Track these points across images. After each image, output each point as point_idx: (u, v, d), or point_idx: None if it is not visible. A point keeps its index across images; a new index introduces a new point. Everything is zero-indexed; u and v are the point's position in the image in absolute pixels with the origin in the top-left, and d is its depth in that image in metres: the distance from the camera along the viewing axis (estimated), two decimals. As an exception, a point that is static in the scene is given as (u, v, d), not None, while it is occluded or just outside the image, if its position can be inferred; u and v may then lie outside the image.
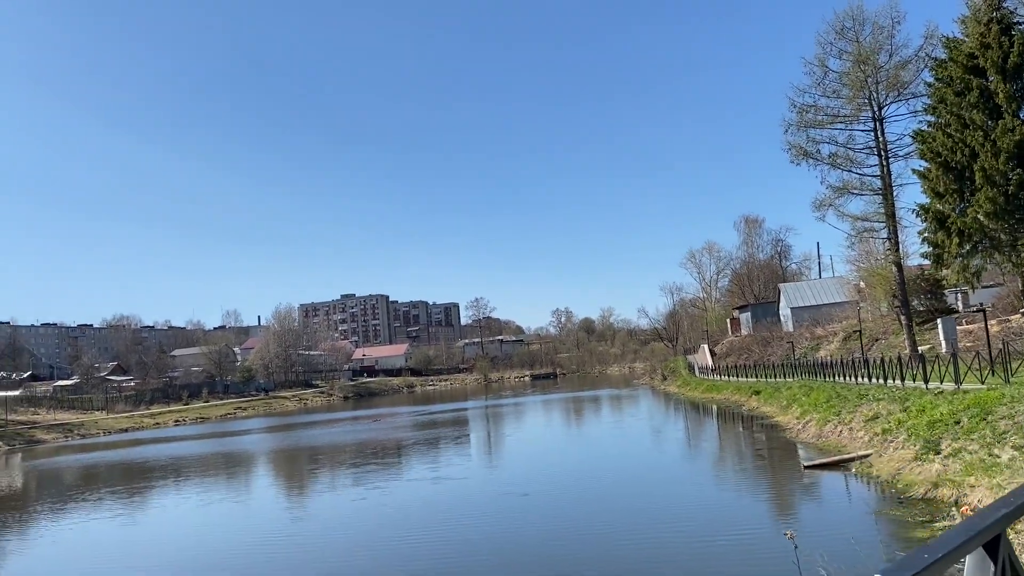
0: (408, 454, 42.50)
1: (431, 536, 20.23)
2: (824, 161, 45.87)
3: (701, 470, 29.29)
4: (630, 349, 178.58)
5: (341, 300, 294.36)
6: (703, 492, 23.89)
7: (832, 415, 31.80)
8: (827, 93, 45.63)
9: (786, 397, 42.31)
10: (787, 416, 38.27)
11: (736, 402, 52.54)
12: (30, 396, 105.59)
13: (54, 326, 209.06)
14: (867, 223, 45.65)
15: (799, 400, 39.11)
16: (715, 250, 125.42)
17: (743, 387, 55.53)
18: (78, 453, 61.88)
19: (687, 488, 24.73)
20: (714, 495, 23.43)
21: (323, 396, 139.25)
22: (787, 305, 77.98)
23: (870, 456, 23.72)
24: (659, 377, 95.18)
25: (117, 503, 32.17)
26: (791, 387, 44.31)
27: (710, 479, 27.01)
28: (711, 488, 24.85)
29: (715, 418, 49.74)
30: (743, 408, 48.87)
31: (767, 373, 55.64)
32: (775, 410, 42.25)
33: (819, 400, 35.61)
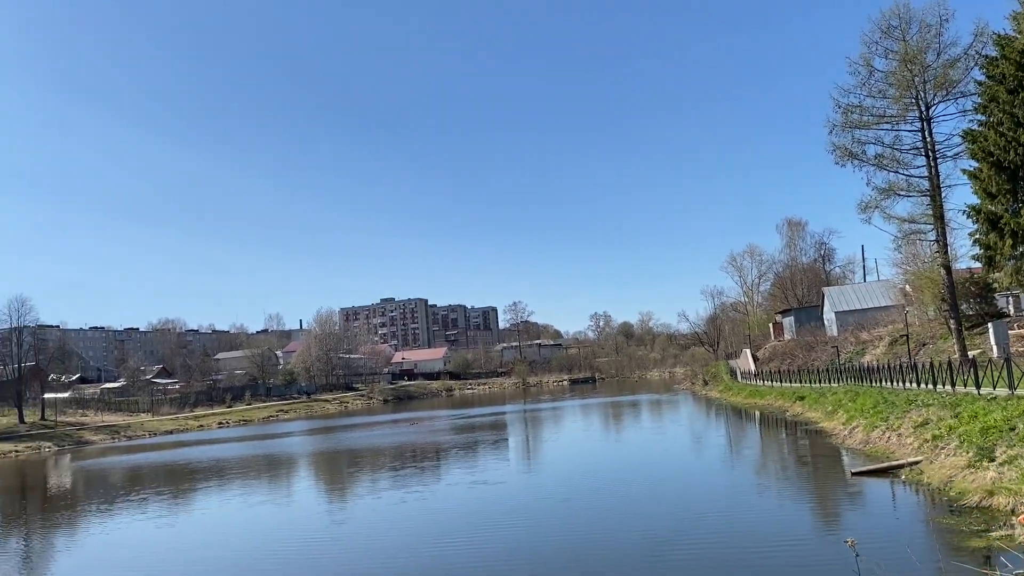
0: (447, 458, 42.52)
1: (470, 541, 20.15)
2: (870, 162, 45.03)
3: (744, 476, 28.78)
4: (670, 354, 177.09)
5: (381, 304, 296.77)
6: (746, 498, 23.46)
7: (879, 421, 31.10)
8: (873, 93, 44.80)
9: (831, 402, 41.54)
10: (832, 422, 37.55)
11: (779, 407, 51.75)
12: (78, 398, 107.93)
13: (102, 330, 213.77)
14: (914, 225, 44.71)
15: (845, 405, 38.36)
16: (757, 253, 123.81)
17: (786, 392, 54.68)
18: (124, 454, 63.04)
19: (730, 494, 24.29)
20: (758, 501, 22.98)
21: (363, 399, 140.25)
22: (831, 309, 76.65)
23: (920, 463, 23.12)
24: (700, 382, 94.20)
25: (162, 504, 32.64)
26: (836, 392, 43.50)
27: (753, 485, 26.52)
28: (754, 494, 24.37)
29: (758, 424, 49.02)
30: (787, 414, 48.11)
31: (811, 378, 54.73)
32: (820, 416, 41.51)
33: (865, 405, 34.88)
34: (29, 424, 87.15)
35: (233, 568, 19.45)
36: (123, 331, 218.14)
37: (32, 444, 74.33)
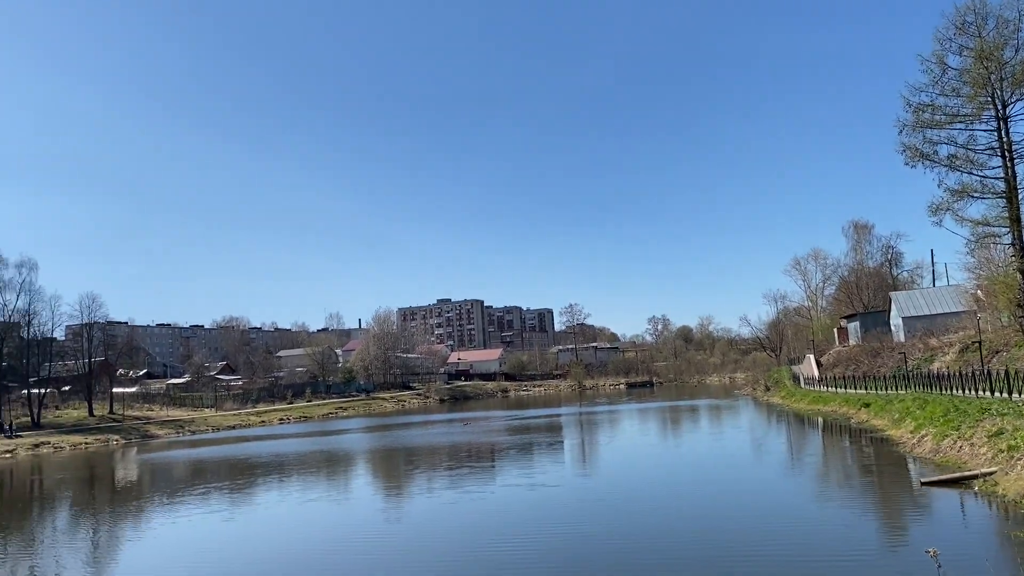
0: (502, 459, 42.46)
1: (523, 544, 19.99)
2: (942, 163, 43.64)
3: (806, 484, 27.99)
4: (730, 359, 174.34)
5: (438, 304, 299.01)
6: (808, 507, 22.80)
7: (950, 430, 29.99)
8: (946, 91, 43.40)
9: (898, 410, 40.27)
10: (900, 430, 36.38)
11: (844, 414, 50.42)
12: (145, 393, 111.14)
13: (168, 326, 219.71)
14: (988, 228, 43.18)
15: (913, 413, 37.13)
16: (821, 257, 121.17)
17: (851, 399, 53.26)
18: (188, 448, 64.60)
19: (791, 502, 23.64)
20: (821, 510, 22.30)
21: (420, 398, 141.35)
22: (898, 314, 74.45)
23: (995, 474, 22.18)
24: (761, 387, 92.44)
25: (223, 498, 33.27)
26: (904, 400, 42.15)
27: (816, 494, 25.75)
28: (817, 503, 23.66)
29: (821, 431, 47.80)
30: (851, 421, 46.84)
31: (877, 385, 53.20)
32: (886, 423, 40.28)
33: (935, 414, 33.68)
34: (98, 417, 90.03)
35: (290, 563, 19.63)
36: (189, 328, 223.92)
37: (101, 437, 76.68)
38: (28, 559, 22.79)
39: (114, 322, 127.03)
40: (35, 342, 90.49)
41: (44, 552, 23.90)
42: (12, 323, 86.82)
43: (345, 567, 18.67)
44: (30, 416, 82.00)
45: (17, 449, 66.73)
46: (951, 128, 43.39)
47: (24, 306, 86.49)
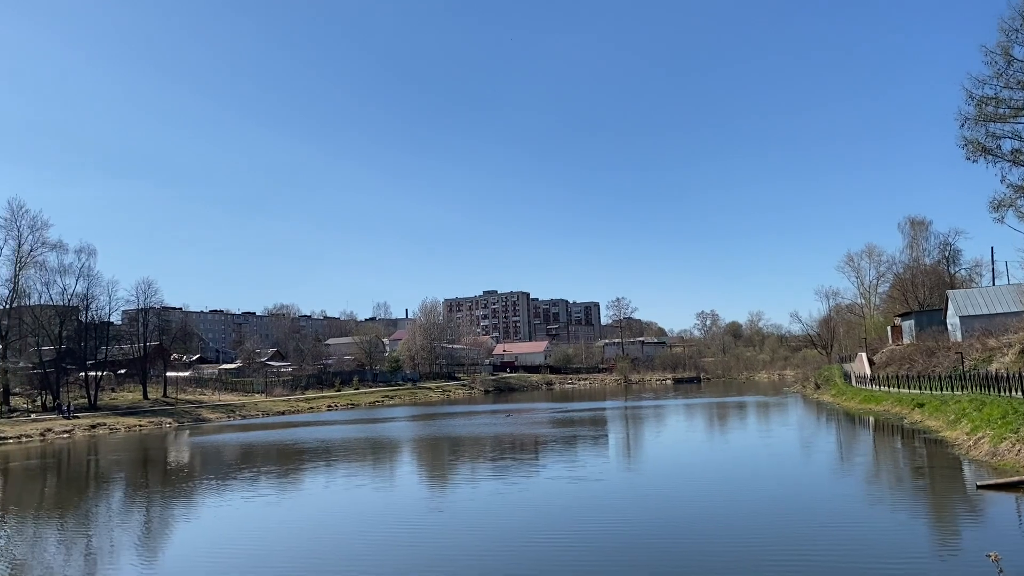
0: (546, 451, 42.41)
1: (564, 538, 19.92)
2: (1005, 158, 42.31)
3: (856, 485, 27.34)
4: (780, 355, 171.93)
5: (484, 296, 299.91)
6: (857, 508, 22.22)
7: (1009, 432, 29.08)
8: (1010, 84, 41.98)
9: (954, 411, 39.20)
10: (955, 431, 35.42)
11: (896, 414, 49.30)
12: (198, 377, 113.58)
13: (221, 313, 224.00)
14: (1053, 225, 41.74)
15: (969, 415, 36.10)
16: (875, 253, 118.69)
17: (904, 399, 52.03)
18: (239, 432, 65.88)
19: (839, 503, 23.06)
20: (870, 512, 21.75)
21: (465, 389, 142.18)
22: (955, 313, 72.43)
23: (1055, 480, 21.45)
24: (811, 385, 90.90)
25: (271, 482, 33.83)
26: (960, 400, 41.02)
27: (866, 495, 25.14)
28: (867, 505, 23.08)
29: (872, 430, 46.80)
30: (904, 421, 45.77)
31: (932, 385, 51.87)
32: (941, 424, 39.26)
33: (993, 415, 32.69)
34: (152, 400, 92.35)
35: (334, 547, 19.86)
36: (241, 315, 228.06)
37: (154, 419, 78.64)
38: (84, 537, 23.45)
39: (169, 307, 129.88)
40: (93, 326, 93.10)
41: (99, 531, 24.56)
42: (71, 307, 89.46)
43: (386, 554, 18.80)
44: (87, 398, 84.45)
45: (75, 429, 68.78)
46: (1016, 122, 42.04)
47: (83, 291, 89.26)
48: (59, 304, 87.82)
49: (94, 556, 20.62)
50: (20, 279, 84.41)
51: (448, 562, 17.61)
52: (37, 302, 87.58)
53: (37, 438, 63.92)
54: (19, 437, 63.32)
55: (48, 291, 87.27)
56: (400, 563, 17.72)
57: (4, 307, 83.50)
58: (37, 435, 64.85)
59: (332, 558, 18.67)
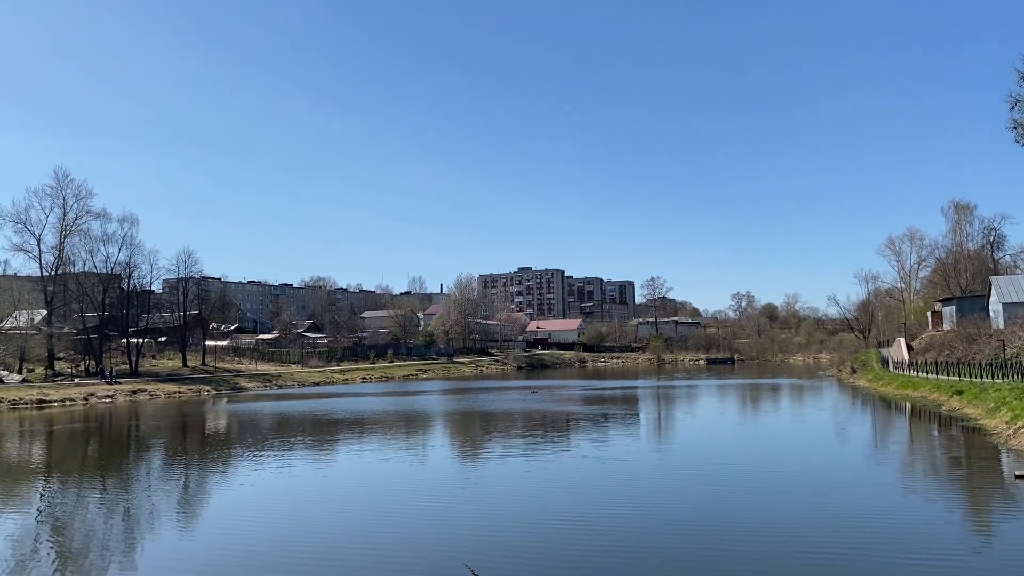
0: (577, 429, 42.47)
1: (588, 519, 19.97)
2: (1056, 141, 41.09)
3: (889, 472, 27.03)
4: (816, 339, 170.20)
5: (518, 273, 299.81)
6: (890, 496, 22.01)
7: (1050, 423, 28.58)
8: (1064, 65, 40.71)
9: (994, 399, 38.55)
10: (994, 420, 34.85)
11: (934, 401, 48.61)
12: (235, 347, 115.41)
13: (259, 284, 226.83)
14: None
15: (1009, 403, 35.48)
16: (917, 237, 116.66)
17: (943, 385, 51.26)
18: (275, 401, 66.95)
19: (872, 490, 22.82)
20: (905, 499, 21.54)
21: (498, 364, 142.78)
22: (998, 300, 70.97)
23: (1096, 473, 21.03)
24: (848, 369, 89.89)
25: (305, 451, 34.38)
26: (1000, 389, 40.32)
27: (900, 483, 24.87)
28: (900, 494, 22.84)
29: (908, 417, 46.21)
30: (942, 408, 45.13)
31: (971, 372, 51.07)
32: (980, 412, 38.65)
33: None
34: (191, 368, 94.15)
35: (362, 519, 20.18)
36: (278, 286, 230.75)
37: (193, 387, 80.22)
38: (124, 500, 24.08)
39: (208, 277, 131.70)
40: (135, 294, 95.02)
41: (139, 494, 25.21)
42: (114, 275, 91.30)
43: (411, 528, 19.06)
44: (129, 364, 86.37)
45: (116, 395, 70.44)
46: (1069, 104, 40.81)
47: (125, 259, 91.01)
48: (102, 272, 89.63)
49: (133, 519, 21.19)
50: (65, 247, 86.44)
51: (470, 538, 17.80)
52: (81, 269, 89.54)
53: (80, 402, 65.58)
54: (63, 400, 65.04)
55: (92, 259, 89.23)
56: (423, 538, 17.96)
57: (50, 274, 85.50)
58: (80, 399, 66.53)
59: (360, 529, 18.99)
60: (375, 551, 16.59)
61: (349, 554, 16.37)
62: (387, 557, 16.07)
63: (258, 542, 17.74)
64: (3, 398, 62.21)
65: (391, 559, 15.92)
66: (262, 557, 16.28)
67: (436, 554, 16.18)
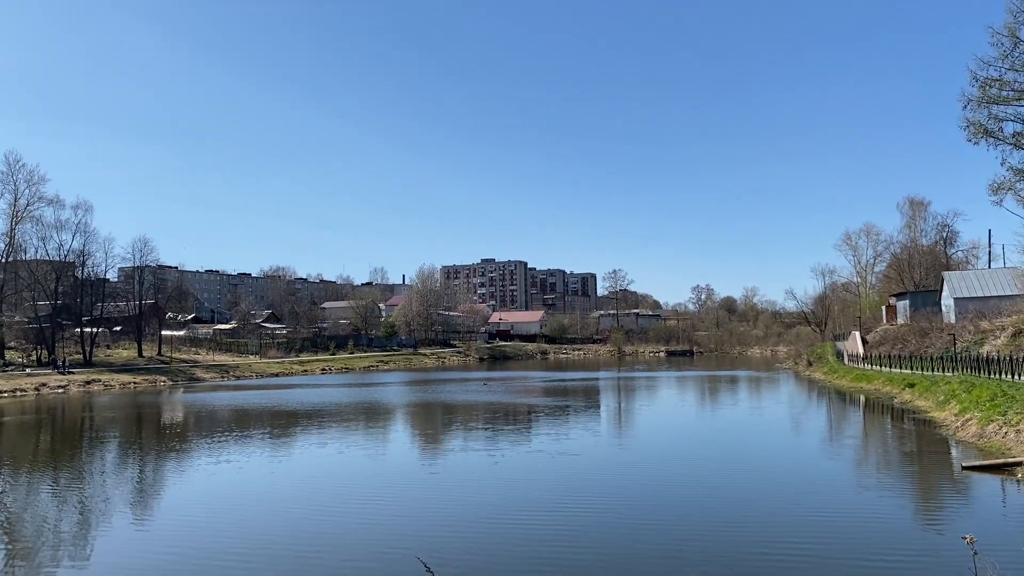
0: (537, 421, 42.65)
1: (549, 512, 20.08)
2: (1007, 141, 42.16)
3: (844, 463, 27.59)
4: (773, 331, 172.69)
5: (481, 264, 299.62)
6: (845, 486, 22.49)
7: (997, 415, 29.34)
8: (1016, 67, 41.70)
9: (944, 392, 39.49)
10: (944, 412, 35.70)
11: (887, 393, 49.65)
12: (192, 337, 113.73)
13: (217, 273, 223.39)
14: (1052, 210, 41.69)
15: (958, 396, 36.37)
16: (874, 232, 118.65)
17: (896, 378, 52.37)
18: (232, 392, 66.14)
19: (827, 480, 23.30)
20: (857, 490, 21.99)
21: (460, 356, 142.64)
22: (950, 295, 72.65)
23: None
24: (804, 362, 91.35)
25: (263, 443, 34.07)
26: (950, 382, 41.30)
27: (853, 474, 25.43)
28: (854, 484, 23.35)
29: (862, 409, 47.16)
30: (894, 400, 46.11)
31: (923, 365, 52.23)
32: (930, 405, 39.57)
33: (981, 398, 32.95)
34: (147, 358, 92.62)
35: (318, 510, 20.02)
36: (236, 275, 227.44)
37: (149, 377, 78.94)
38: (77, 492, 23.64)
39: (165, 266, 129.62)
40: (89, 282, 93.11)
41: (93, 486, 24.76)
42: (67, 263, 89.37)
43: (365, 520, 19.00)
44: (82, 354, 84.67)
45: (70, 385, 69.03)
46: (1019, 105, 41.84)
47: (79, 247, 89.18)
48: (55, 260, 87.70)
49: (87, 510, 20.82)
50: (16, 233, 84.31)
51: (424, 531, 17.81)
52: (33, 257, 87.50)
53: (32, 392, 64.17)
54: (13, 391, 63.56)
55: (44, 246, 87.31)
56: (376, 531, 17.92)
57: (0, 261, 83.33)
58: (32, 389, 65.08)
59: (313, 521, 18.78)
60: (327, 543, 16.49)
61: (301, 546, 16.23)
62: (339, 549, 15.98)
63: (212, 534, 17.54)
64: (-50, 388, 60.64)
65: (343, 551, 15.84)
66: (216, 549, 16.10)
67: (388, 547, 16.12)
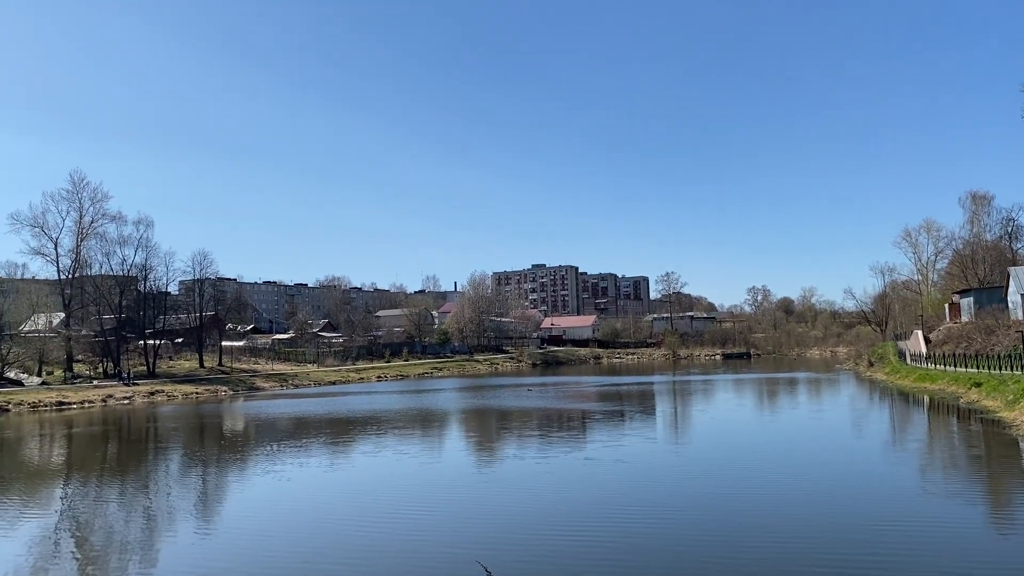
0: (593, 426, 42.38)
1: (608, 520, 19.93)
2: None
3: (908, 466, 26.79)
4: (832, 332, 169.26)
5: (532, 270, 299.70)
6: (910, 489, 21.84)
7: (1070, 415, 28.30)
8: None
9: (1013, 391, 38.21)
10: (1013, 412, 34.56)
11: (952, 393, 48.22)
12: (252, 347, 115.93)
13: (274, 284, 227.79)
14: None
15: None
16: (934, 228, 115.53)
17: (961, 378, 50.84)
18: (291, 400, 67.22)
19: (891, 484, 22.67)
20: (924, 493, 21.35)
21: (512, 361, 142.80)
22: (1017, 291, 70.30)
23: (1118, 465, 20.78)
24: (864, 363, 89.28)
25: (322, 450, 34.50)
26: (1020, 380, 39.95)
27: (918, 477, 24.68)
28: (919, 488, 22.67)
29: (926, 410, 45.87)
30: (960, 401, 44.75)
31: (990, 364, 50.61)
32: (998, 405, 38.31)
33: (1054, 398, 31.83)
34: (208, 369, 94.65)
35: (378, 516, 20.17)
36: (293, 286, 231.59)
37: (210, 387, 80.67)
38: (143, 501, 24.26)
39: (224, 278, 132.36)
40: (151, 296, 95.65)
41: (157, 495, 25.39)
42: (131, 277, 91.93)
43: (426, 525, 19.08)
44: (146, 365, 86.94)
45: (134, 396, 70.95)
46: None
47: (141, 261, 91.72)
48: (119, 274, 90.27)
49: (152, 519, 21.34)
50: (82, 250, 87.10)
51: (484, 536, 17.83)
52: (98, 272, 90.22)
53: (99, 403, 66.11)
54: (82, 402, 65.57)
55: (108, 261, 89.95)
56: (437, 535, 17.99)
57: (67, 277, 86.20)
58: (99, 400, 67.06)
59: (374, 527, 18.96)
60: (389, 549, 16.63)
61: (363, 552, 16.42)
62: (401, 555, 16.10)
63: (274, 541, 17.82)
64: (23, 400, 62.80)
65: (405, 557, 15.95)
66: (278, 555, 16.35)
67: (449, 552, 16.19)
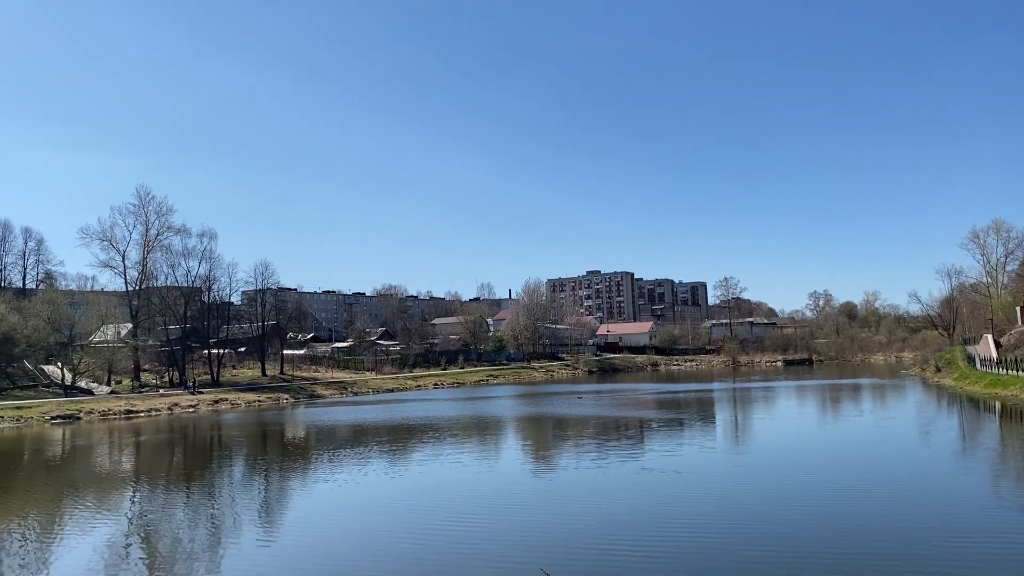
0: (651, 434, 41.98)
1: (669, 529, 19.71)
2: None
3: (979, 479, 25.87)
4: (897, 337, 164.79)
5: (587, 276, 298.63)
6: (979, 507, 21.08)
7: None
8: None
9: (1092, 399, 36.67)
10: (1093, 421, 33.14)
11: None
12: (312, 355, 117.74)
13: (333, 293, 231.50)
14: None
15: (1110, 404, 33.70)
16: (1004, 229, 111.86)
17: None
18: (351, 407, 68.12)
19: (962, 499, 21.93)
20: (996, 508, 20.61)
21: (568, 369, 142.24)
22: (1095, 293, 67.61)
23: None
24: (932, 368, 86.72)
25: (381, 456, 34.87)
26: (1099, 388, 38.33)
27: (990, 491, 23.79)
28: (992, 503, 21.87)
29: (998, 417, 44.29)
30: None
31: (1067, 370, 48.73)
32: (1077, 413, 36.83)
33: None
34: (270, 377, 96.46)
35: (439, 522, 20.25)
36: (351, 295, 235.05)
37: (272, 395, 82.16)
38: (208, 507, 24.82)
39: (284, 288, 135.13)
40: (215, 306, 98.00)
41: (222, 502, 25.94)
42: (195, 288, 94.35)
43: (487, 531, 19.09)
44: (210, 374, 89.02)
45: (199, 404, 72.70)
46: None
47: (205, 273, 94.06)
48: (184, 285, 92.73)
49: (217, 525, 21.81)
50: (148, 262, 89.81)
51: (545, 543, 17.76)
52: (164, 284, 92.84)
53: (165, 412, 67.92)
54: (149, 411, 67.46)
55: (174, 273, 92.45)
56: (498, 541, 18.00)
57: (134, 289, 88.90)
58: (165, 409, 68.90)
59: (435, 533, 19.06)
60: (450, 554, 16.73)
61: (424, 557, 16.52)
62: (463, 560, 16.20)
63: (337, 547, 18.06)
64: (93, 409, 64.84)
65: (467, 562, 16.03)
66: (341, 561, 16.57)
67: (511, 558, 16.21)
